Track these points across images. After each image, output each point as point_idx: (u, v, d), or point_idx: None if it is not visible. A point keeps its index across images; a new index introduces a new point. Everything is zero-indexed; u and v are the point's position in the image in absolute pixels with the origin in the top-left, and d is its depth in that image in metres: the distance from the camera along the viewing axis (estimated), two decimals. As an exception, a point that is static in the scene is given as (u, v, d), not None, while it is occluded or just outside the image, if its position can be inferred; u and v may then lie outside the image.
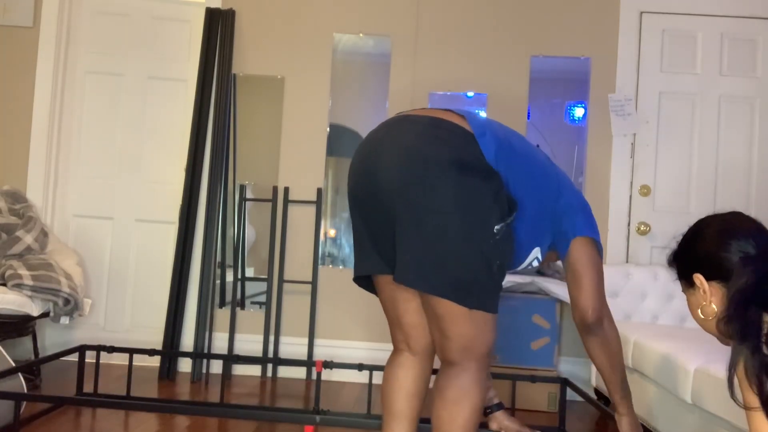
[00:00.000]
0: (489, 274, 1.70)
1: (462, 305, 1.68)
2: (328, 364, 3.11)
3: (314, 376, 4.01)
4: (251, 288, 4.15)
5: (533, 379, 3.09)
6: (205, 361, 3.92)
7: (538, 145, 3.75)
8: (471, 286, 1.68)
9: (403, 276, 1.70)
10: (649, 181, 4.04)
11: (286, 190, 4.12)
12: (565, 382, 3.01)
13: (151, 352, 3.24)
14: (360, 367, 3.13)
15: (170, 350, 3.83)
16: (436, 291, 1.68)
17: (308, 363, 3.19)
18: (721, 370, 2.20)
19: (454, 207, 1.65)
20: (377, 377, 3.93)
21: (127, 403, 2.45)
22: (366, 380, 3.98)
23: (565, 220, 1.90)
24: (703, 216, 1.57)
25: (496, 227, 1.70)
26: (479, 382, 1.75)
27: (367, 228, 1.84)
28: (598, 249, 1.95)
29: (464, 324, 1.70)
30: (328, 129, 4.15)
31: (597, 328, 1.97)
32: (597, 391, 3.68)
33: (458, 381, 1.74)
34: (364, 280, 1.98)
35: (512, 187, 1.78)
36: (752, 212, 3.99)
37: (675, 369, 2.51)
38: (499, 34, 4.12)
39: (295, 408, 3.23)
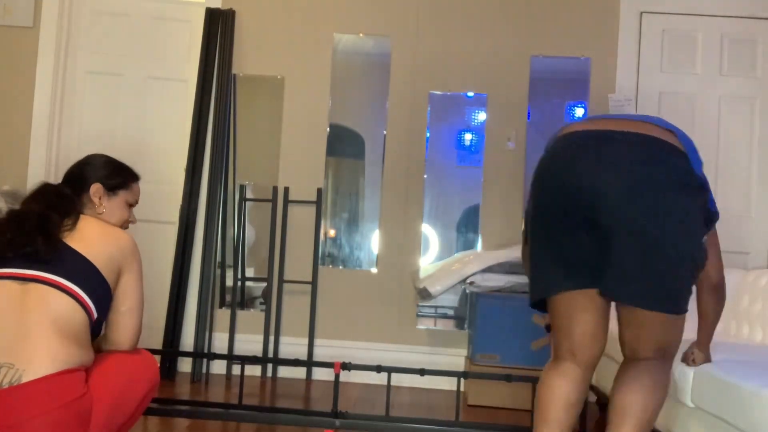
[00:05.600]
0: (693, 280, 1.86)
1: (670, 314, 1.81)
2: (347, 366, 2.95)
3: (315, 376, 4.00)
4: (251, 288, 4.15)
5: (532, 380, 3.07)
6: (205, 360, 3.92)
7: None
8: (679, 295, 1.81)
9: (617, 292, 1.81)
10: (649, 181, 4.04)
11: (286, 190, 4.12)
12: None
13: (152, 352, 3.23)
14: (378, 369, 3.00)
15: (170, 349, 3.84)
16: (653, 307, 1.79)
17: (321, 364, 3.04)
18: (719, 371, 2.21)
19: (675, 226, 1.75)
20: (395, 379, 3.72)
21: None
22: (375, 382, 3.96)
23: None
24: None
25: (704, 237, 1.85)
26: (669, 377, 1.94)
27: (562, 243, 1.87)
28: None
29: (666, 329, 1.84)
30: (328, 129, 4.15)
31: (719, 290, 2.14)
32: (594, 388, 3.68)
33: (654, 372, 1.88)
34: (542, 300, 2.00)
35: None
36: (752, 212, 4.02)
37: (674, 372, 2.51)
38: (499, 34, 4.12)
39: (313, 410, 3.11)
